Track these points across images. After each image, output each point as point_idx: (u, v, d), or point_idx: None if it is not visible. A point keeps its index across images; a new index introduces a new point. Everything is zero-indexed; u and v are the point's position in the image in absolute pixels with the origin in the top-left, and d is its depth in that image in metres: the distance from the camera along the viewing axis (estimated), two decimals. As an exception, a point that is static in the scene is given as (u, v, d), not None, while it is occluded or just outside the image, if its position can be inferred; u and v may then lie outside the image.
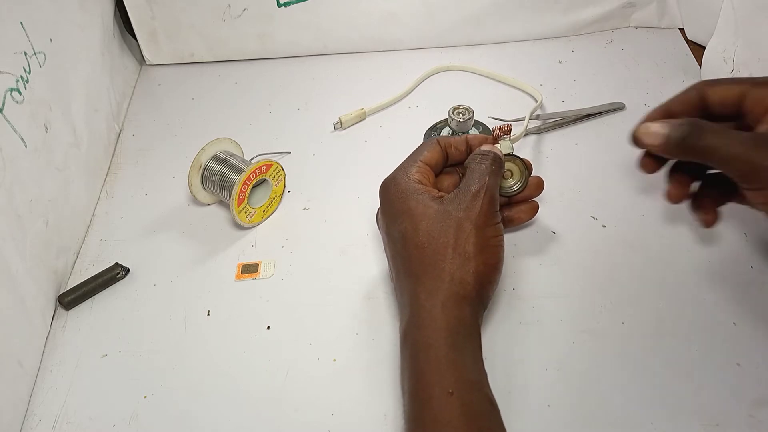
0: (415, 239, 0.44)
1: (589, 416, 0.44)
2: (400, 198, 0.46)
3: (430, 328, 0.41)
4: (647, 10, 0.74)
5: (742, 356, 0.46)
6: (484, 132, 0.62)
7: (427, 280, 0.43)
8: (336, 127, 0.66)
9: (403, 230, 0.45)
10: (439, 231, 0.44)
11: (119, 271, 0.54)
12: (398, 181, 0.47)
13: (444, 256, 0.43)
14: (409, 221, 0.45)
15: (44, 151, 0.52)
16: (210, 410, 0.46)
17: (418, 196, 0.46)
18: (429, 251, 0.43)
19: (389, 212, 0.47)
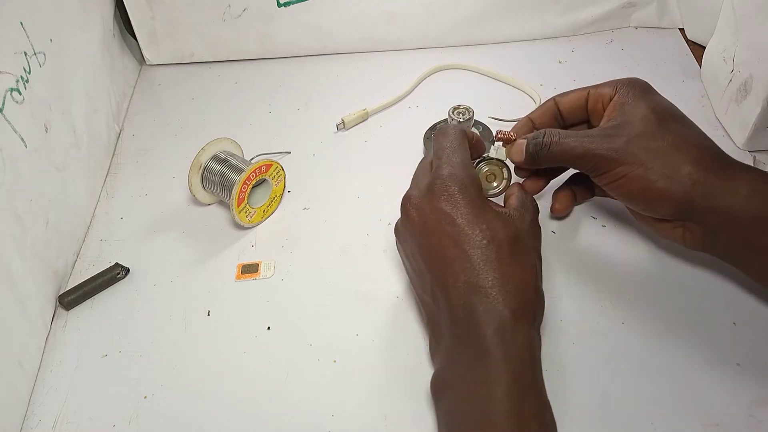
0: (501, 255, 0.42)
1: (589, 416, 0.44)
2: (476, 204, 0.44)
3: (520, 348, 0.40)
4: (647, 10, 0.74)
5: (742, 356, 0.46)
6: (484, 132, 0.62)
7: (518, 298, 0.41)
8: (339, 127, 0.66)
9: (487, 241, 0.42)
10: (523, 254, 0.43)
11: (119, 271, 0.54)
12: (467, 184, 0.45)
13: (532, 280, 0.43)
14: (492, 232, 0.43)
15: (44, 151, 0.52)
16: (210, 411, 0.46)
17: (490, 206, 0.45)
18: (516, 271, 0.42)
19: (466, 216, 0.43)
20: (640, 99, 0.48)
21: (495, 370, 0.39)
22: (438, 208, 0.44)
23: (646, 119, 0.46)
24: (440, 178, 0.45)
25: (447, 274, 0.43)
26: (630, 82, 0.49)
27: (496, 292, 0.41)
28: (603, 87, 0.50)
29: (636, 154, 0.45)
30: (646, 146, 0.45)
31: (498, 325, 0.40)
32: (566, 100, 0.52)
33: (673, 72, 0.69)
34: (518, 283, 0.42)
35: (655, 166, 0.45)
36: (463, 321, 0.42)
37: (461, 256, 0.42)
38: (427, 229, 0.44)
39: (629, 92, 0.48)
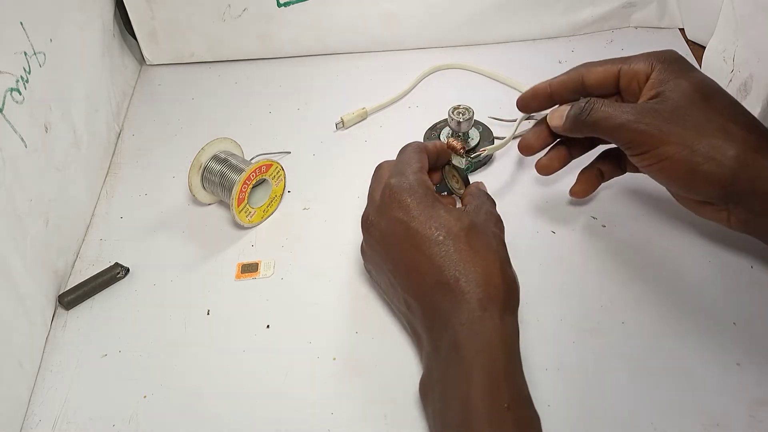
0: (459, 247, 0.42)
1: (589, 416, 0.44)
2: (426, 204, 0.44)
3: (491, 340, 0.40)
4: (647, 10, 0.74)
5: (742, 356, 0.46)
6: (484, 132, 0.62)
7: (483, 288, 0.41)
8: (338, 126, 0.66)
9: (443, 236, 0.43)
10: (481, 242, 0.43)
11: (119, 271, 0.54)
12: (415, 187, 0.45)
13: (494, 265, 0.42)
14: (447, 227, 0.43)
15: (44, 151, 0.52)
16: (210, 410, 0.46)
17: (442, 204, 0.45)
18: (479, 259, 0.42)
19: (418, 218, 0.44)
20: (680, 75, 0.45)
21: (467, 366, 0.39)
22: (392, 217, 0.45)
23: (691, 98, 0.44)
24: (388, 187, 0.46)
25: (413, 279, 0.43)
26: (666, 58, 0.47)
27: (460, 284, 0.41)
28: (636, 63, 0.47)
29: (681, 134, 0.43)
30: (692, 125, 0.43)
31: (466, 317, 0.40)
32: (594, 74, 0.49)
33: (673, 72, 0.69)
34: (482, 272, 0.41)
35: (700, 147, 0.43)
36: (436, 321, 0.42)
37: (421, 258, 0.43)
38: (387, 240, 0.45)
39: (667, 68, 0.46)
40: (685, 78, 0.45)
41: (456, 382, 0.39)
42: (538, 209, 0.57)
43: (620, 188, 0.58)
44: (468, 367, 0.39)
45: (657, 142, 0.44)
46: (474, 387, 0.38)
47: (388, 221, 0.45)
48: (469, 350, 0.39)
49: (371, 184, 0.49)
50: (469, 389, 0.38)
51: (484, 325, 0.40)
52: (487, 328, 0.40)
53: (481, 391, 0.38)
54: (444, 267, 0.42)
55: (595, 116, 0.46)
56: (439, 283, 0.42)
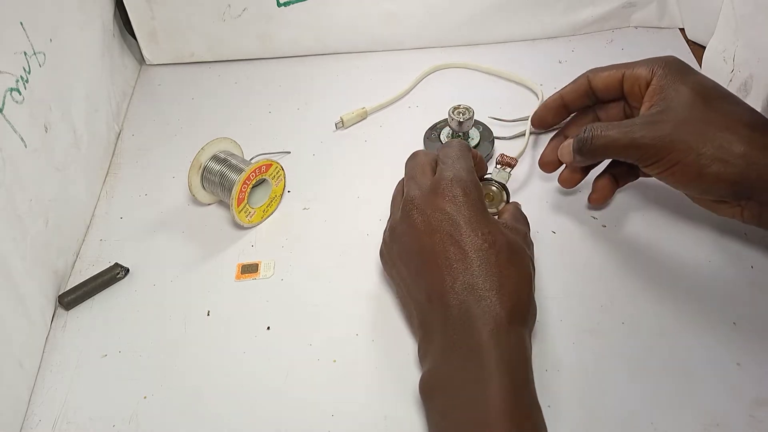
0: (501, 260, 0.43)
1: (589, 416, 0.44)
2: (478, 208, 0.44)
3: (513, 349, 0.40)
4: (647, 10, 0.74)
5: (742, 356, 0.46)
6: (485, 132, 0.62)
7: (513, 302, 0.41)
8: (337, 126, 0.66)
9: (488, 244, 0.43)
10: (520, 260, 0.44)
11: (119, 271, 0.54)
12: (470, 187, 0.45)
13: (526, 286, 0.43)
14: (493, 236, 0.43)
15: (44, 151, 0.52)
16: (210, 411, 0.46)
17: (489, 213, 0.45)
18: (515, 276, 0.43)
19: (466, 218, 0.43)
20: (679, 81, 0.47)
21: (489, 370, 0.39)
22: (441, 208, 0.44)
23: (691, 102, 0.46)
24: (444, 179, 0.45)
25: (446, 275, 0.43)
26: (666, 63, 0.48)
27: (493, 294, 0.41)
28: (638, 68, 0.49)
29: (685, 140, 0.45)
30: (695, 130, 0.45)
31: (493, 326, 0.40)
32: (600, 79, 0.51)
33: (673, 72, 0.69)
34: (514, 288, 0.42)
35: (707, 150, 0.44)
36: (458, 322, 0.41)
37: (461, 257, 0.42)
38: (430, 228, 0.44)
39: (667, 74, 0.48)
40: (684, 83, 0.47)
41: (472, 385, 0.39)
42: (538, 209, 0.57)
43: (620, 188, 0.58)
44: (490, 371, 0.39)
45: (663, 152, 0.46)
46: (496, 389, 0.38)
47: (435, 211, 0.44)
48: (493, 356, 0.39)
49: (410, 170, 0.49)
50: (488, 394, 0.38)
51: (509, 336, 0.41)
52: (512, 340, 0.41)
53: (505, 392, 0.38)
54: (481, 274, 0.42)
55: (598, 143, 0.48)
56: (473, 287, 0.42)
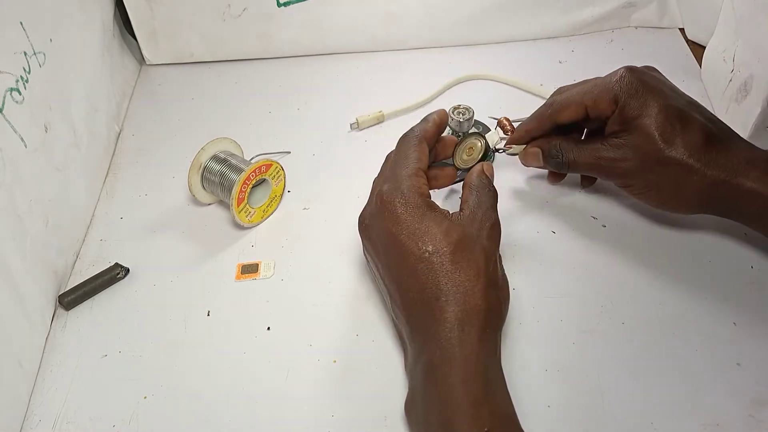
0: (444, 264, 0.41)
1: (589, 416, 0.44)
2: (416, 215, 0.43)
3: (467, 361, 0.39)
4: (647, 10, 0.74)
5: (742, 356, 0.46)
6: (484, 132, 0.62)
7: (461, 307, 0.40)
8: (352, 127, 0.66)
9: (429, 251, 0.42)
10: (468, 258, 0.42)
11: (119, 271, 0.54)
12: (407, 196, 0.44)
13: (477, 284, 0.41)
14: (434, 243, 0.42)
15: (44, 151, 0.52)
16: (210, 411, 0.46)
17: (434, 214, 0.44)
18: (461, 277, 0.41)
19: (405, 230, 0.43)
20: (643, 115, 0.47)
21: (446, 388, 0.38)
22: (382, 226, 0.44)
23: (653, 143, 0.47)
24: (379, 195, 0.45)
25: (400, 292, 0.43)
26: (627, 93, 0.48)
27: (440, 303, 0.41)
28: (601, 103, 0.49)
29: (646, 178, 0.49)
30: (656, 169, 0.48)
31: (443, 336, 0.40)
32: (564, 117, 0.51)
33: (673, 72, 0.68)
34: (462, 291, 0.41)
35: (666, 188, 0.48)
36: (417, 337, 0.42)
37: (406, 272, 0.43)
38: (378, 248, 0.45)
39: (630, 106, 0.48)
40: (644, 117, 0.47)
41: (436, 404, 0.39)
42: (538, 209, 0.57)
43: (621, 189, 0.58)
44: (446, 389, 0.38)
45: (629, 182, 0.50)
46: (453, 411, 0.37)
47: (378, 229, 0.45)
48: (445, 372, 0.39)
49: (376, 177, 0.49)
50: (448, 413, 0.38)
51: (461, 346, 0.39)
52: (464, 349, 0.39)
53: (462, 414, 0.37)
54: (426, 284, 0.42)
55: (573, 166, 0.52)
56: (421, 301, 0.42)
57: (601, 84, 0.49)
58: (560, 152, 0.52)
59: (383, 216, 0.45)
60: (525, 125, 0.54)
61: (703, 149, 0.47)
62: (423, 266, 0.42)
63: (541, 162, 0.54)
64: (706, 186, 0.47)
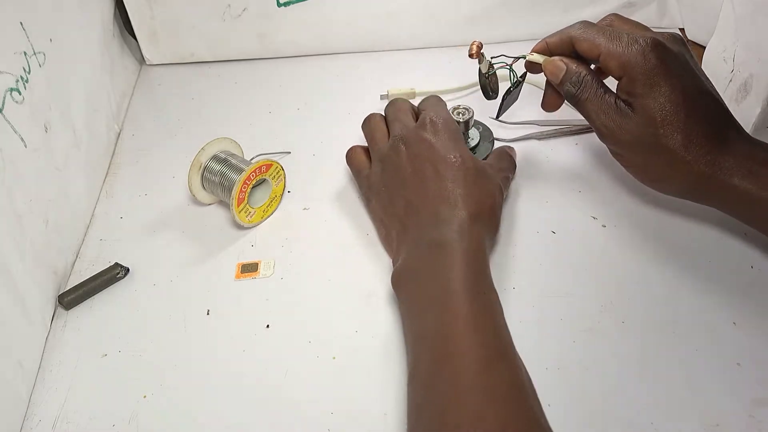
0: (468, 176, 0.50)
1: (589, 416, 0.44)
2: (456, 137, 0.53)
3: (471, 242, 0.47)
4: (647, 10, 0.74)
5: (742, 356, 0.46)
6: (485, 132, 0.62)
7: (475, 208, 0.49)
8: (382, 97, 0.68)
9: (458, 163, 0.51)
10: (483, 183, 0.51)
11: (119, 271, 0.54)
12: (451, 124, 0.54)
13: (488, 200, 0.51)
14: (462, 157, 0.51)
15: (44, 151, 0.52)
16: (210, 409, 0.46)
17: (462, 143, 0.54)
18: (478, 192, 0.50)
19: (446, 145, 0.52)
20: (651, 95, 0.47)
21: (454, 256, 0.46)
22: (424, 138, 0.53)
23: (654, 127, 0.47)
24: (428, 117, 0.54)
25: (420, 189, 0.51)
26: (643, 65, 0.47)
27: (459, 201, 0.49)
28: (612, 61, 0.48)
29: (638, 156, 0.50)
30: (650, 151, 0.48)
31: (457, 225, 0.48)
32: (582, 48, 0.51)
33: (673, 72, 0.69)
34: (477, 199, 0.50)
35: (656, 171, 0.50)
36: (429, 222, 0.49)
37: (434, 174, 0.51)
38: (413, 155, 0.52)
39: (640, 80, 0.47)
40: (653, 98, 0.47)
41: (437, 269, 0.46)
42: (538, 209, 0.57)
43: (620, 188, 0.58)
44: (451, 259, 0.46)
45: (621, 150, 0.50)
46: (456, 273, 0.45)
47: (419, 141, 0.53)
48: (454, 247, 0.46)
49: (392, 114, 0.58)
50: (451, 275, 0.45)
51: (470, 233, 0.47)
52: (472, 236, 0.47)
53: (463, 277, 0.44)
54: (451, 186, 0.50)
55: (582, 106, 0.51)
56: (442, 197, 0.50)
57: (624, 43, 0.48)
58: (581, 84, 0.50)
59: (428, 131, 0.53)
60: (548, 38, 0.54)
61: (698, 144, 0.47)
62: (451, 173, 0.50)
63: (558, 80, 0.52)
64: (693, 179, 0.48)
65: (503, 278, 0.52)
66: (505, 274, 0.52)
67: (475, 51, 0.55)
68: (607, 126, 0.49)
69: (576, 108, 0.52)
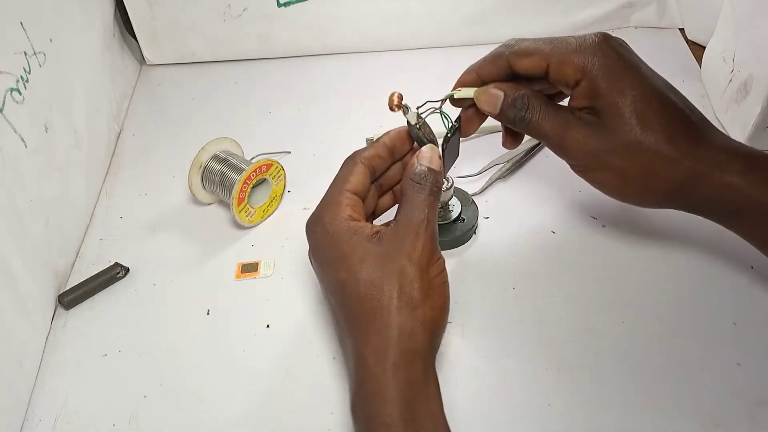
0: (355, 291, 0.39)
1: (589, 416, 0.44)
2: (332, 243, 0.41)
3: (383, 401, 0.37)
4: (647, 10, 0.74)
5: (742, 356, 0.46)
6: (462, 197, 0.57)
7: (372, 338, 0.38)
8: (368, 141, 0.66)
9: (340, 280, 0.40)
10: (380, 279, 0.39)
11: (119, 271, 0.54)
12: (325, 223, 0.42)
13: (389, 307, 0.38)
14: (346, 270, 0.40)
15: (44, 151, 0.52)
16: (210, 409, 0.46)
17: (352, 238, 0.41)
18: (372, 303, 0.39)
19: (321, 260, 0.42)
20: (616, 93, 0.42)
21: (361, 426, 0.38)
22: (311, 256, 0.44)
23: (625, 124, 0.42)
24: (307, 227, 0.44)
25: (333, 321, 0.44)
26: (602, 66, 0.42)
27: (354, 339, 0.39)
28: (566, 65, 0.42)
29: (613, 164, 0.43)
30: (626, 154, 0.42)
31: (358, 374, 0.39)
32: (523, 65, 0.44)
33: (673, 72, 0.67)
34: (375, 320, 0.39)
35: (634, 176, 0.43)
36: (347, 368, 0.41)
37: (331, 300, 0.42)
38: (312, 254, 0.44)
39: (602, 81, 0.42)
40: (618, 95, 0.42)
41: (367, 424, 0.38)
42: (538, 209, 0.57)
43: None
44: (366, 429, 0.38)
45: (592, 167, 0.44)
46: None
47: (314, 261, 0.44)
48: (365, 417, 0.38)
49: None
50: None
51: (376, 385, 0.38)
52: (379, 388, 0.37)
53: None
54: (345, 316, 0.40)
55: (531, 128, 0.45)
56: (341, 334, 0.42)
57: (573, 45, 0.43)
58: (526, 106, 0.44)
59: (309, 244, 0.44)
60: (475, 66, 0.46)
61: (682, 138, 0.42)
62: (339, 297, 0.41)
63: (497, 110, 0.45)
64: (680, 178, 0.42)
65: (503, 278, 0.52)
66: (505, 274, 0.52)
67: (396, 102, 0.45)
68: (573, 139, 0.43)
69: (529, 133, 0.45)
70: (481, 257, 0.54)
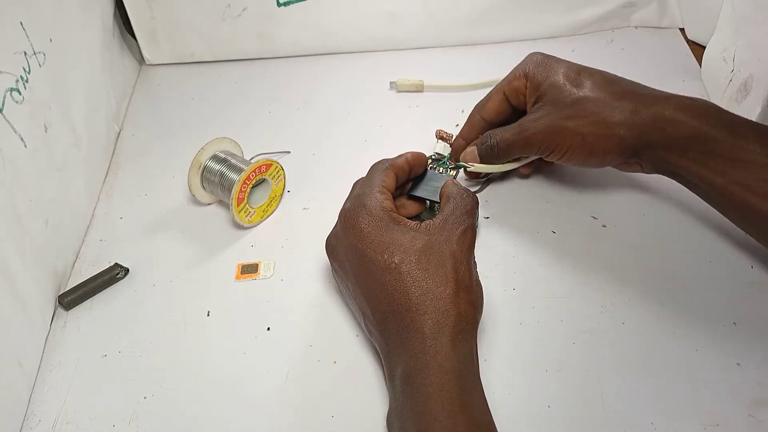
0: (412, 273, 0.42)
1: (589, 416, 0.44)
2: (380, 228, 0.44)
3: (441, 369, 0.39)
4: (647, 10, 0.74)
5: (742, 356, 0.46)
6: None
7: (431, 316, 0.40)
8: (392, 85, 0.69)
9: (395, 263, 0.42)
10: (436, 264, 0.42)
11: (119, 271, 0.54)
12: (371, 210, 0.45)
13: (446, 290, 0.41)
14: (400, 253, 0.42)
15: (44, 151, 0.52)
16: (210, 411, 0.46)
17: (398, 226, 0.44)
18: (429, 285, 0.41)
19: (371, 244, 0.44)
20: (550, 75, 0.51)
21: (420, 398, 0.38)
22: (348, 244, 0.45)
23: (564, 92, 0.50)
24: (342, 213, 0.47)
25: (372, 307, 0.43)
26: (533, 64, 0.53)
27: (411, 314, 0.41)
28: (514, 81, 0.53)
29: (567, 127, 0.49)
30: (572, 114, 0.49)
31: (416, 347, 0.40)
32: (488, 110, 0.55)
33: (673, 72, 0.69)
34: (432, 298, 0.41)
35: (589, 130, 0.48)
36: (391, 351, 0.42)
37: (375, 286, 0.43)
38: (345, 268, 0.46)
39: (537, 73, 0.52)
40: (554, 75, 0.51)
41: (412, 415, 0.38)
42: (538, 209, 0.57)
43: (620, 188, 0.58)
44: (422, 399, 0.38)
45: (554, 142, 0.50)
46: (429, 420, 0.37)
47: (345, 247, 0.46)
48: (420, 382, 0.39)
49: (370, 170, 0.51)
50: (424, 423, 0.37)
51: (434, 355, 0.39)
52: (437, 358, 0.39)
53: (437, 425, 0.37)
54: (395, 295, 0.42)
55: (502, 146, 0.53)
56: (392, 313, 0.42)
57: (512, 70, 0.54)
58: (488, 136, 0.53)
59: (348, 233, 0.45)
60: (460, 134, 0.57)
61: (612, 86, 0.49)
62: (391, 277, 0.42)
63: (478, 159, 0.55)
64: (627, 121, 0.47)
65: (504, 279, 0.52)
66: (505, 274, 0.52)
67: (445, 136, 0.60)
68: (532, 129, 0.50)
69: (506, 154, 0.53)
70: (481, 257, 0.53)
